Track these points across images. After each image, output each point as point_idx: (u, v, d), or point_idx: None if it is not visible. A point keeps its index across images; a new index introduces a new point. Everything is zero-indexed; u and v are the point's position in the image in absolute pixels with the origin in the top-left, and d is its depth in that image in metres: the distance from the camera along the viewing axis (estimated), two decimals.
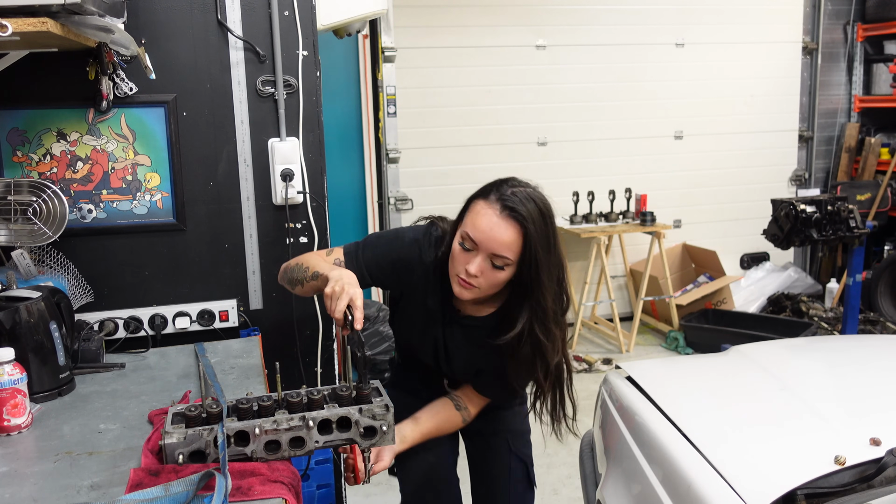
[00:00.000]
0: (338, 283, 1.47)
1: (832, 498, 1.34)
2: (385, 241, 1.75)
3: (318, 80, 2.21)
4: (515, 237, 1.54)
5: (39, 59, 1.94)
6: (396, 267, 1.71)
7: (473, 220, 1.57)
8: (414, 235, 1.72)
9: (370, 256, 1.71)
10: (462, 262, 1.58)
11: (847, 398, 1.78)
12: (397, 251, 1.71)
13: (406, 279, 1.73)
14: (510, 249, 1.54)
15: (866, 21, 5.72)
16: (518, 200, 1.55)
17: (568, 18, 5.14)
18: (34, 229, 1.89)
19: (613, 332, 5.01)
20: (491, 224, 1.54)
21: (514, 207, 1.54)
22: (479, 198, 1.60)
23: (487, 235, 1.54)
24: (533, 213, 1.55)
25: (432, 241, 1.71)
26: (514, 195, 1.56)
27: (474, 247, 1.56)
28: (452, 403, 1.80)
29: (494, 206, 1.55)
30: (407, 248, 1.71)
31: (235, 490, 1.21)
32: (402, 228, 1.78)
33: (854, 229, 3.86)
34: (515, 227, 1.54)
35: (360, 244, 1.74)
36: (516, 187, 1.59)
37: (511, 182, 1.61)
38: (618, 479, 1.77)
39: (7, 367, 1.47)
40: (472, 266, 1.56)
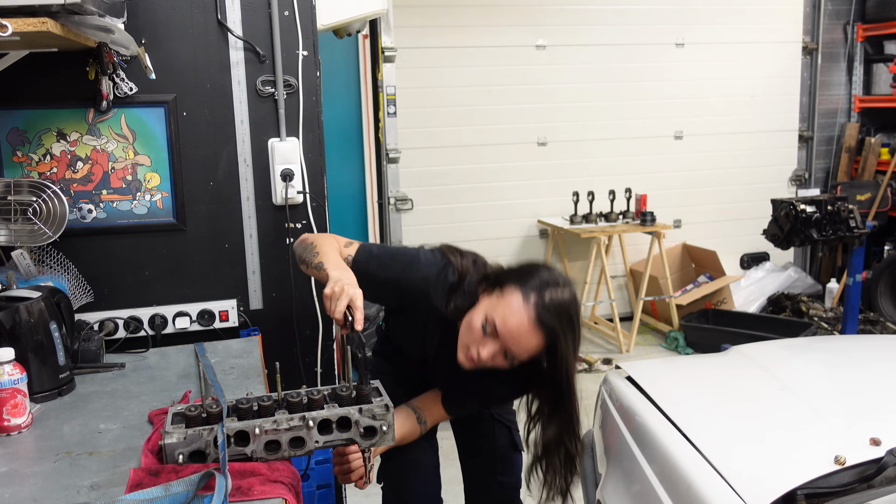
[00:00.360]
0: (337, 284, 1.46)
1: (832, 498, 1.34)
2: (397, 266, 1.68)
3: (318, 80, 2.21)
4: (539, 346, 1.54)
5: (39, 59, 1.94)
6: (399, 295, 1.69)
7: (504, 313, 1.53)
8: (426, 273, 1.66)
9: (377, 277, 1.66)
10: (476, 342, 1.56)
11: (847, 398, 1.78)
12: (405, 282, 1.66)
13: (409, 308, 1.72)
14: (528, 354, 1.54)
15: (866, 21, 5.72)
16: (554, 311, 1.52)
17: (568, 18, 5.14)
18: (34, 229, 1.89)
19: (613, 332, 5.01)
20: (521, 329, 1.52)
21: (548, 322, 1.52)
22: (517, 287, 1.55)
23: (514, 336, 1.52)
24: (566, 328, 1.54)
25: (446, 285, 1.65)
26: (552, 304, 1.53)
27: (495, 335, 1.54)
28: (415, 416, 1.80)
29: (529, 311, 1.52)
30: (417, 283, 1.66)
31: (235, 490, 1.21)
32: (417, 258, 1.69)
33: (854, 229, 3.86)
34: (543, 338, 1.53)
35: (371, 257, 1.68)
36: (556, 289, 1.55)
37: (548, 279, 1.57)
38: (618, 479, 1.77)
39: (7, 367, 1.47)
40: (486, 352, 1.55)
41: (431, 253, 1.71)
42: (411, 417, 1.79)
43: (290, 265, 2.24)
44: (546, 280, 1.56)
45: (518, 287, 1.55)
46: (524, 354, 1.54)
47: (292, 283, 2.24)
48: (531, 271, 1.59)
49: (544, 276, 1.57)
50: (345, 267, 1.58)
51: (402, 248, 1.74)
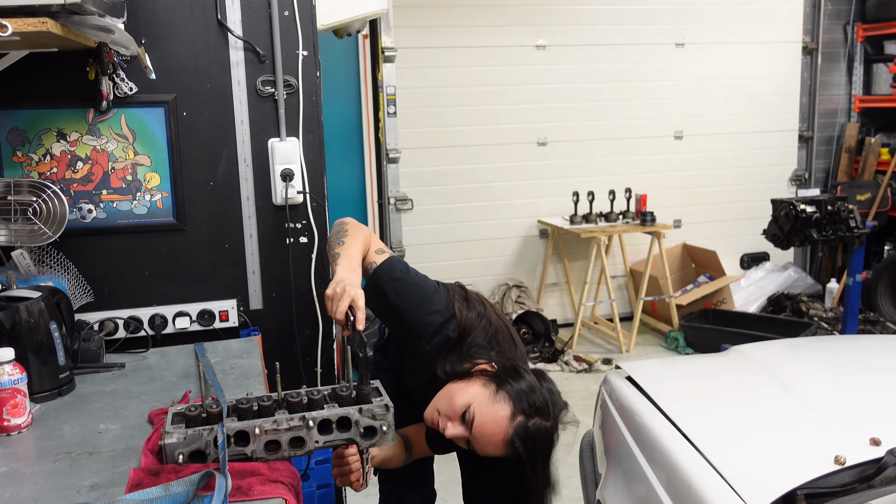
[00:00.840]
0: (339, 285, 1.46)
1: (832, 498, 1.34)
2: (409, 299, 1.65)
3: (318, 80, 2.21)
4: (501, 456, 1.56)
5: (39, 59, 1.94)
6: (400, 325, 1.68)
7: (486, 417, 1.53)
8: (430, 320, 1.64)
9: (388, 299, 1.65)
10: (448, 417, 1.57)
11: (847, 398, 1.78)
12: (409, 317, 1.65)
13: (404, 338, 1.73)
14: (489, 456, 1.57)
15: (866, 21, 5.72)
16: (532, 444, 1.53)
17: (568, 18, 5.14)
18: (34, 229, 1.89)
19: (613, 332, 5.01)
20: (493, 439, 1.53)
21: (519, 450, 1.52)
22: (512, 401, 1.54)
23: (484, 441, 1.54)
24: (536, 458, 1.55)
25: (442, 340, 1.64)
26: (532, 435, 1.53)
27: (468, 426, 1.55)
28: (402, 442, 1.81)
29: (509, 429, 1.52)
30: (417, 324, 1.64)
31: (235, 490, 1.21)
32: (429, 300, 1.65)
33: (854, 229, 3.86)
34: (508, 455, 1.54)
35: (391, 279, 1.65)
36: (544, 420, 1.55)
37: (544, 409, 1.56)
38: (618, 479, 1.76)
39: (7, 367, 1.47)
40: (452, 431, 1.56)
41: (446, 297, 1.68)
42: (399, 442, 1.79)
43: (290, 265, 2.24)
44: (539, 407, 1.55)
45: (512, 402, 1.54)
46: (484, 454, 1.57)
47: (292, 283, 2.24)
48: (533, 389, 1.57)
49: (539, 399, 1.56)
50: (355, 268, 1.56)
51: (421, 281, 1.69)
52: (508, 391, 1.55)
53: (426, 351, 1.65)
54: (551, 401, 1.59)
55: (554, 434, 1.59)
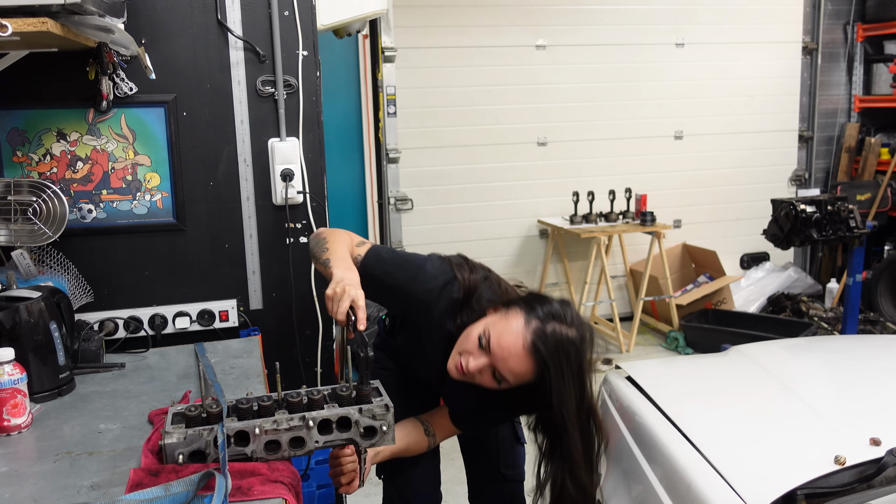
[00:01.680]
0: (339, 285, 1.45)
1: (832, 498, 1.34)
2: (403, 275, 1.65)
3: (318, 80, 2.21)
4: (527, 372, 1.50)
5: (39, 59, 1.94)
6: (405, 304, 1.68)
7: (502, 330, 1.50)
8: (430, 286, 1.63)
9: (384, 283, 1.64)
10: (468, 352, 1.54)
11: (847, 398, 1.78)
12: (408, 291, 1.64)
13: (412, 317, 1.71)
14: (516, 378, 1.51)
15: (866, 21, 5.72)
16: (551, 342, 1.47)
17: (568, 18, 5.14)
18: (34, 229, 1.89)
19: (613, 332, 5.01)
20: (512, 350, 1.48)
21: (541, 349, 1.47)
22: (522, 308, 1.52)
23: (503, 355, 1.49)
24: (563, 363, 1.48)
25: (448, 300, 1.62)
26: (552, 335, 1.48)
27: (487, 350, 1.51)
28: (423, 428, 1.79)
29: (527, 335, 1.48)
30: (419, 294, 1.63)
31: (235, 490, 1.21)
32: (423, 269, 1.65)
33: (854, 229, 3.86)
34: (533, 366, 1.48)
35: (379, 261, 1.66)
36: (561, 324, 1.50)
37: (558, 312, 1.52)
38: (618, 479, 1.77)
39: (7, 367, 1.47)
40: (474, 364, 1.52)
41: (440, 263, 1.68)
42: (419, 428, 1.79)
43: (290, 265, 2.24)
44: (555, 312, 1.52)
45: (524, 310, 1.52)
46: (511, 378, 1.51)
47: (292, 283, 2.24)
48: (544, 300, 1.55)
49: (555, 308, 1.53)
50: (350, 266, 1.56)
51: (411, 256, 1.70)
52: (519, 304, 1.54)
53: (436, 319, 1.63)
54: (565, 310, 1.53)
55: (581, 345, 1.51)
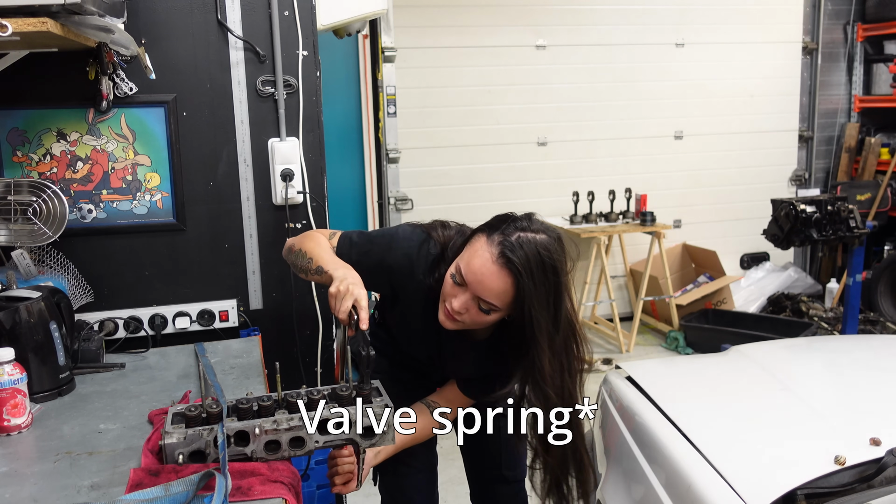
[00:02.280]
0: (342, 283, 1.45)
1: (832, 498, 1.34)
2: (378, 249, 1.66)
3: (318, 80, 2.21)
4: (507, 287, 1.45)
5: (39, 59, 1.94)
6: (388, 277, 1.66)
7: (469, 257, 1.48)
8: (407, 249, 1.63)
9: (363, 264, 1.62)
10: (450, 294, 1.52)
11: (847, 398, 1.78)
12: (389, 262, 1.63)
13: (399, 289, 1.68)
14: (498, 298, 1.46)
15: (866, 21, 5.72)
16: (518, 248, 1.43)
17: (568, 18, 5.14)
18: (34, 229, 1.89)
19: (613, 332, 5.01)
20: (483, 269, 1.45)
21: (510, 258, 1.42)
22: (483, 233, 1.50)
23: (477, 279, 1.46)
24: (534, 266, 1.43)
25: (428, 258, 1.62)
26: (517, 241, 1.44)
27: (463, 283, 1.49)
28: (428, 410, 1.77)
29: (492, 249, 1.45)
30: (399, 261, 1.63)
31: (235, 490, 1.21)
32: (396, 236, 1.67)
33: (854, 229, 3.86)
34: (509, 278, 1.43)
35: (352, 245, 1.67)
36: (525, 231, 1.46)
37: (520, 223, 1.49)
38: (618, 479, 1.77)
39: (7, 367, 1.47)
40: (457, 302, 1.50)
41: (411, 229, 1.68)
42: (424, 412, 1.76)
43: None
44: (517, 225, 1.48)
45: (486, 232, 1.49)
46: (494, 299, 1.46)
47: (292, 283, 2.24)
48: (503, 217, 1.51)
49: (517, 222, 1.49)
50: (345, 263, 1.55)
51: (381, 231, 1.71)
52: (480, 230, 1.51)
53: (420, 280, 1.62)
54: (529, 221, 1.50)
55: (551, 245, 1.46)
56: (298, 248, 1.66)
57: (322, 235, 1.69)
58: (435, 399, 1.79)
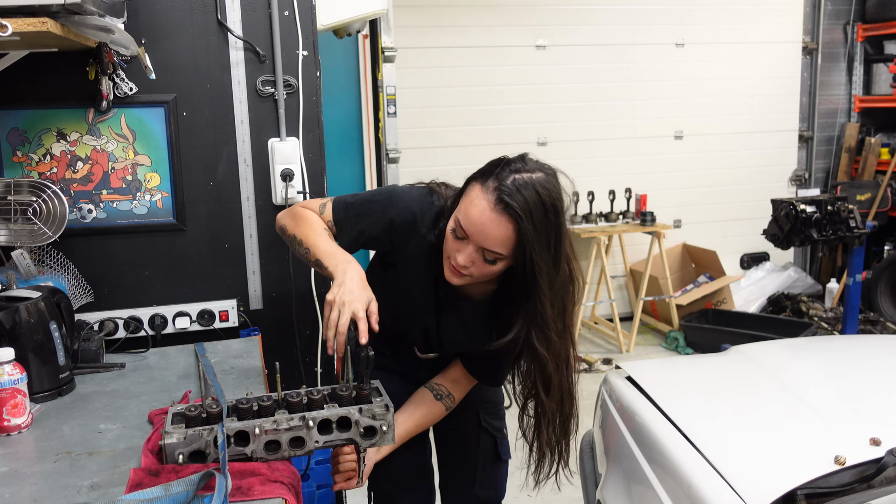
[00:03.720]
0: (340, 291, 1.39)
1: (832, 498, 1.34)
2: (378, 206, 1.59)
3: (318, 80, 2.21)
4: (509, 234, 1.40)
5: (39, 59, 1.94)
6: (389, 234, 1.59)
7: (467, 207, 1.43)
8: (409, 203, 1.58)
9: (361, 226, 1.60)
10: (453, 249, 1.47)
11: (847, 398, 1.78)
12: (390, 216, 1.57)
13: (399, 246, 1.61)
14: (503, 246, 1.41)
15: (866, 21, 5.72)
16: (516, 192, 1.38)
17: (568, 18, 5.14)
18: (34, 229, 1.89)
19: (613, 332, 5.01)
20: (482, 217, 1.39)
21: (509, 202, 1.37)
22: (477, 180, 1.44)
23: (478, 229, 1.40)
24: (533, 208, 1.38)
25: (432, 212, 1.57)
26: (513, 184, 1.38)
27: (465, 236, 1.43)
28: (432, 394, 1.72)
29: (489, 196, 1.39)
30: (402, 214, 1.57)
31: (235, 490, 1.21)
32: (396, 192, 1.61)
33: (854, 229, 3.87)
34: (509, 222, 1.39)
35: (348, 208, 1.60)
36: (520, 173, 1.41)
37: (514, 165, 1.43)
38: (618, 479, 1.77)
39: (7, 367, 1.47)
40: (462, 256, 1.44)
41: (410, 185, 1.65)
42: (426, 396, 1.71)
43: (290, 265, 2.24)
44: (511, 167, 1.42)
45: (478, 181, 1.44)
46: (498, 247, 1.41)
47: (292, 283, 2.24)
48: (496, 162, 1.46)
49: (512, 164, 1.43)
50: (346, 256, 1.49)
51: (376, 189, 1.65)
52: (471, 178, 1.46)
53: (423, 235, 1.56)
54: (527, 159, 1.46)
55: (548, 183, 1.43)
56: (292, 233, 1.60)
57: (314, 215, 1.62)
58: (439, 381, 1.74)
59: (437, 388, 1.74)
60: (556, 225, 1.43)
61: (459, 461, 1.90)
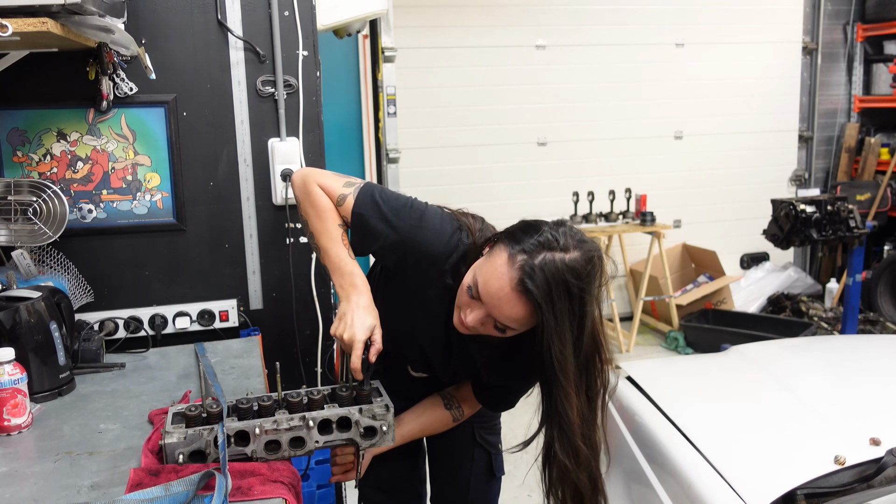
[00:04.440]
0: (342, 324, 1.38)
1: (832, 498, 1.34)
2: (404, 225, 1.45)
3: (318, 80, 2.21)
4: (525, 315, 1.30)
5: (39, 59, 1.94)
6: (406, 258, 1.48)
7: (488, 275, 1.32)
8: (438, 235, 1.46)
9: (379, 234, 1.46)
10: (465, 305, 1.38)
11: (847, 398, 1.78)
12: (413, 243, 1.46)
13: (413, 275, 1.50)
14: (517, 323, 1.33)
15: (866, 21, 5.72)
16: (542, 279, 1.26)
17: (568, 18, 5.14)
18: (34, 229, 1.89)
19: (613, 332, 5.01)
20: (500, 294, 1.29)
21: (530, 288, 1.26)
22: (506, 244, 1.33)
23: (494, 302, 1.31)
24: (556, 298, 1.27)
25: (458, 252, 1.45)
26: (541, 266, 1.27)
27: (479, 299, 1.34)
28: (442, 402, 1.66)
29: (513, 273, 1.28)
30: (426, 245, 1.45)
31: (235, 490, 1.21)
32: (427, 217, 1.46)
33: (854, 229, 3.87)
34: (528, 306, 1.28)
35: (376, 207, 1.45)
36: (553, 251, 1.28)
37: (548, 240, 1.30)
38: (618, 479, 1.77)
39: (7, 367, 1.47)
40: (472, 317, 1.36)
41: (441, 211, 1.50)
42: (437, 403, 1.65)
43: (290, 265, 2.24)
44: (545, 241, 1.30)
45: (507, 246, 1.32)
46: (512, 323, 1.32)
47: (292, 283, 2.24)
48: (531, 227, 1.34)
49: (546, 235, 1.31)
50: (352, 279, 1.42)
51: (408, 201, 1.50)
52: (503, 239, 1.34)
53: (443, 271, 1.44)
54: (560, 234, 1.32)
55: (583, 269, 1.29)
56: (307, 219, 1.50)
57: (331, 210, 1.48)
58: (452, 392, 1.68)
59: (448, 397, 1.67)
60: (580, 315, 1.31)
61: (452, 476, 1.85)
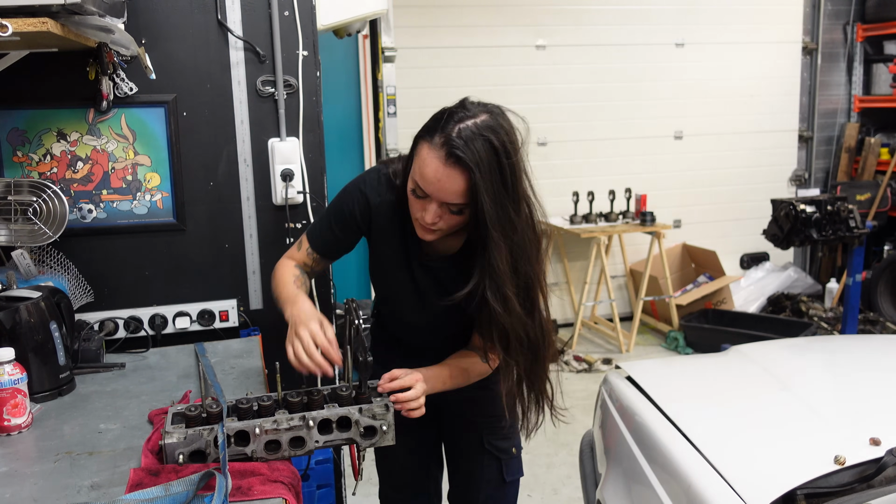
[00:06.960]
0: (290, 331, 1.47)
1: (832, 498, 1.34)
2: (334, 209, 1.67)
3: (318, 80, 2.21)
4: (466, 184, 1.41)
5: (39, 59, 1.94)
6: (356, 220, 1.64)
7: (420, 168, 1.44)
8: (356, 184, 1.65)
9: (333, 234, 1.66)
10: (418, 209, 1.50)
11: (847, 398, 1.78)
12: (349, 205, 1.63)
13: (367, 226, 1.66)
14: (463, 196, 1.43)
15: (866, 21, 5.73)
16: (464, 143, 1.39)
17: (568, 18, 5.14)
18: (34, 229, 1.89)
19: (613, 332, 5.01)
20: (437, 174, 1.41)
21: (460, 155, 1.38)
22: (425, 138, 1.46)
23: (435, 186, 1.42)
24: (482, 156, 1.39)
25: (384, 181, 1.64)
26: (459, 136, 1.39)
27: (425, 195, 1.46)
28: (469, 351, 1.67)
29: (439, 152, 1.40)
30: (354, 196, 1.64)
31: (235, 490, 1.21)
32: (345, 187, 1.67)
33: (854, 229, 3.87)
34: (464, 173, 1.40)
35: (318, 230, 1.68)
36: (464, 121, 1.42)
37: (457, 114, 1.45)
38: (618, 479, 1.77)
39: (7, 367, 1.47)
40: (428, 215, 1.47)
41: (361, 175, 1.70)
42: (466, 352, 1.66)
43: None
44: (454, 116, 1.44)
45: (426, 139, 1.45)
46: (458, 198, 1.42)
47: None
48: (438, 116, 1.47)
49: (454, 114, 1.45)
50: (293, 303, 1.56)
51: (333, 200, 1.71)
52: (420, 139, 1.48)
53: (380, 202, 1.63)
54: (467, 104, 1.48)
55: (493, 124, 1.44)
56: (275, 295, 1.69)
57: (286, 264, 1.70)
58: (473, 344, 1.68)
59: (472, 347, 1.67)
60: (510, 166, 1.43)
61: (465, 481, 1.87)
